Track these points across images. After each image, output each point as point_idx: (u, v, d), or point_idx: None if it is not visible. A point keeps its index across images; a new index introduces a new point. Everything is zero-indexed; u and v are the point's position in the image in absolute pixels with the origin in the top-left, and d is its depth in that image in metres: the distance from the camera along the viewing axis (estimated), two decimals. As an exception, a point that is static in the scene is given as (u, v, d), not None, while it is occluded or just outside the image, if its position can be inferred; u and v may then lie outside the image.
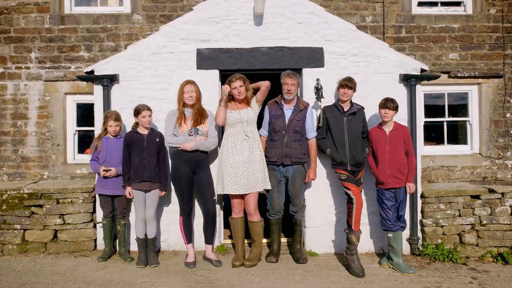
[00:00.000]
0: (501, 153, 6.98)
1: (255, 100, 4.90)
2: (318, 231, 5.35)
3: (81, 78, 5.49)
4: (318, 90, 5.15)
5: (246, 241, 5.24)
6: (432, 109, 7.08)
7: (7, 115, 6.83)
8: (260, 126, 5.07)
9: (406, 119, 5.32)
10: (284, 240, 5.47)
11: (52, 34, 6.84)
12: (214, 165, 5.08)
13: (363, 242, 5.22)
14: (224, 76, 5.28)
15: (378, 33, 6.87)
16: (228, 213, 5.08)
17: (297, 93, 5.00)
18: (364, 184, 5.09)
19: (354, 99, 5.08)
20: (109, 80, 5.25)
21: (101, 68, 5.31)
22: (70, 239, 5.38)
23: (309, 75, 5.31)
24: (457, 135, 7.20)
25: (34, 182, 6.15)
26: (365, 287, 4.39)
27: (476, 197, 5.46)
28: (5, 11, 6.82)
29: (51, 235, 5.38)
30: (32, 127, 6.83)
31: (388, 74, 5.35)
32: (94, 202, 5.43)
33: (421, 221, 5.40)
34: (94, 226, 5.42)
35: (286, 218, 5.24)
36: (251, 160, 4.75)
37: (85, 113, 6.87)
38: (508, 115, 6.97)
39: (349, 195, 4.81)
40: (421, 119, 6.57)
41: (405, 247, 5.33)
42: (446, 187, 5.70)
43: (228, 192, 4.80)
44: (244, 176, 4.73)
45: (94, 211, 5.44)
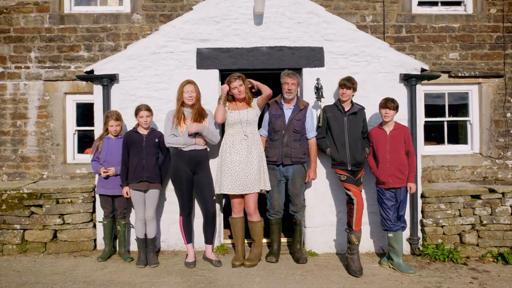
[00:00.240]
0: (502, 153, 6.97)
1: (256, 102, 4.89)
2: (318, 231, 5.34)
3: (81, 78, 5.48)
4: (318, 90, 5.14)
5: (246, 241, 5.23)
6: (433, 109, 7.07)
7: (7, 114, 6.82)
8: (260, 126, 5.07)
9: (407, 119, 5.31)
10: (284, 240, 5.46)
11: (52, 34, 6.83)
12: (214, 165, 5.07)
13: (363, 242, 5.22)
14: (224, 76, 5.27)
15: (379, 32, 6.86)
16: (228, 213, 5.07)
17: (297, 93, 4.99)
18: (364, 184, 5.08)
19: (354, 99, 5.07)
20: (109, 80, 5.24)
21: (101, 67, 5.30)
22: (70, 239, 5.37)
23: (309, 75, 5.30)
24: (458, 135, 7.19)
25: (34, 182, 6.15)
26: (366, 287, 4.38)
27: (477, 197, 5.45)
28: (5, 10, 6.81)
29: (51, 235, 5.37)
30: (32, 127, 6.82)
31: (388, 74, 5.34)
32: (93, 202, 5.43)
33: (421, 221, 5.39)
34: (94, 226, 5.42)
35: (286, 218, 5.24)
36: (249, 161, 4.74)
37: (84, 113, 6.86)
38: (508, 114, 6.96)
39: (349, 196, 4.80)
40: (422, 118, 6.57)
41: (405, 247, 5.33)
42: (447, 187, 5.69)
43: (224, 192, 4.81)
44: (241, 176, 4.73)
45: (93, 211, 5.43)
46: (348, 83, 4.85)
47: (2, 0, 6.80)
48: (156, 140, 4.91)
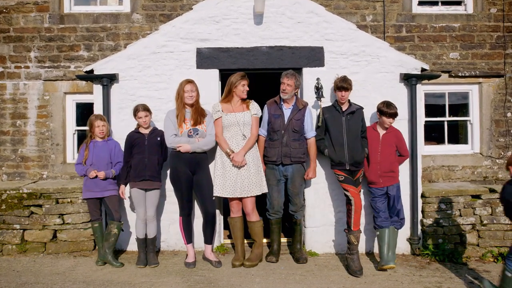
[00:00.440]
0: (502, 153, 6.96)
1: (254, 105, 4.88)
2: (318, 231, 5.33)
3: (80, 78, 5.48)
4: (318, 90, 5.13)
5: (246, 241, 5.22)
6: (433, 109, 7.06)
7: (6, 114, 6.81)
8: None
9: (407, 119, 5.31)
10: (284, 240, 5.45)
11: (52, 34, 6.82)
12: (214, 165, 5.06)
13: (363, 242, 5.22)
14: (224, 76, 5.27)
15: (379, 32, 6.86)
16: (228, 213, 5.06)
17: (296, 93, 4.98)
18: (363, 184, 5.07)
19: (355, 98, 5.06)
20: (108, 80, 5.23)
21: (100, 67, 5.29)
22: (70, 239, 5.36)
23: (310, 75, 5.29)
24: (458, 134, 7.18)
25: (34, 182, 6.14)
26: (366, 287, 4.38)
27: (477, 197, 5.44)
28: (4, 10, 6.80)
29: (51, 235, 5.36)
30: (32, 126, 6.82)
31: (388, 74, 5.33)
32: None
33: (421, 221, 5.38)
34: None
35: (286, 218, 5.23)
36: (247, 163, 4.74)
37: (84, 113, 6.84)
38: (509, 114, 6.95)
39: (347, 196, 4.80)
40: (422, 118, 6.57)
41: (405, 247, 5.33)
42: (447, 187, 5.69)
43: (222, 195, 4.82)
44: (239, 179, 4.73)
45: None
46: (346, 84, 4.83)
47: (1, 0, 6.79)
48: (158, 139, 4.90)
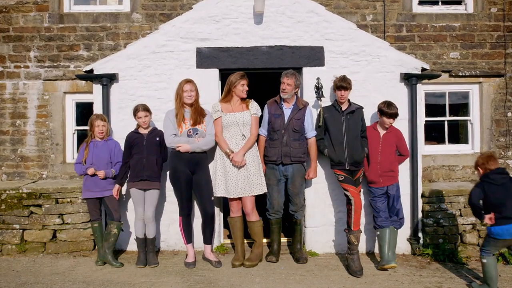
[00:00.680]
0: (503, 152, 6.95)
1: (254, 105, 4.88)
2: (319, 231, 5.32)
3: (80, 77, 5.47)
4: (318, 89, 5.12)
5: (246, 241, 5.21)
6: (433, 108, 7.05)
7: (6, 114, 6.80)
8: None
9: (407, 119, 5.30)
10: (284, 240, 5.45)
11: (51, 33, 6.81)
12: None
13: (363, 242, 5.21)
14: (223, 76, 5.26)
15: (379, 32, 6.84)
16: (228, 213, 5.05)
17: (296, 92, 4.97)
18: (363, 184, 5.06)
19: (355, 98, 5.05)
20: (108, 79, 5.22)
21: (100, 67, 5.28)
22: (69, 239, 5.36)
23: (310, 74, 5.28)
24: (458, 134, 7.17)
25: (33, 182, 6.14)
26: (366, 287, 4.37)
27: (477, 196, 5.43)
28: (4, 9, 6.79)
29: (50, 235, 5.35)
30: (31, 126, 6.80)
31: (388, 73, 5.32)
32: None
33: (422, 220, 5.37)
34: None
35: (286, 218, 5.22)
36: (246, 163, 4.73)
37: (84, 112, 6.83)
38: (509, 114, 6.94)
39: (347, 196, 4.79)
40: (422, 118, 6.56)
41: (406, 247, 5.32)
42: (447, 187, 5.69)
43: (222, 195, 4.84)
44: (238, 179, 4.73)
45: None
46: (345, 84, 4.81)
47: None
48: (157, 139, 4.89)
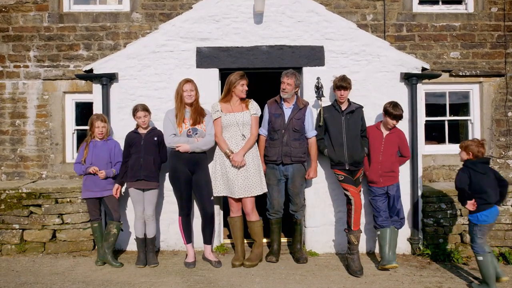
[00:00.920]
0: (503, 152, 6.94)
1: (254, 105, 4.87)
2: (319, 230, 5.32)
3: (80, 77, 5.47)
4: (318, 89, 5.11)
5: (246, 241, 5.21)
6: (433, 108, 7.05)
7: (6, 114, 6.79)
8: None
9: (407, 118, 5.28)
10: (284, 240, 5.44)
11: (51, 33, 6.80)
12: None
13: (364, 242, 5.20)
14: (223, 75, 5.25)
15: (379, 31, 6.84)
16: (228, 212, 5.04)
17: (296, 92, 4.96)
18: (363, 184, 5.05)
19: (355, 98, 5.05)
20: (108, 79, 5.21)
21: (100, 66, 5.27)
22: (69, 239, 5.35)
23: (310, 74, 5.27)
24: (459, 134, 7.16)
25: (33, 182, 6.13)
26: (366, 287, 4.36)
27: (478, 196, 5.42)
28: (4, 9, 6.78)
29: (50, 235, 5.35)
30: (31, 126, 6.80)
31: (389, 73, 5.32)
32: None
33: (422, 220, 5.36)
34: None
35: (286, 218, 5.21)
36: (246, 163, 4.73)
37: (84, 112, 6.83)
38: (509, 114, 6.93)
39: (347, 196, 4.78)
40: (422, 118, 6.56)
41: (406, 247, 5.32)
42: (448, 187, 5.67)
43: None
44: (239, 179, 4.73)
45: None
46: (345, 84, 4.80)
47: (1, -1, 6.79)
48: (155, 139, 4.88)
